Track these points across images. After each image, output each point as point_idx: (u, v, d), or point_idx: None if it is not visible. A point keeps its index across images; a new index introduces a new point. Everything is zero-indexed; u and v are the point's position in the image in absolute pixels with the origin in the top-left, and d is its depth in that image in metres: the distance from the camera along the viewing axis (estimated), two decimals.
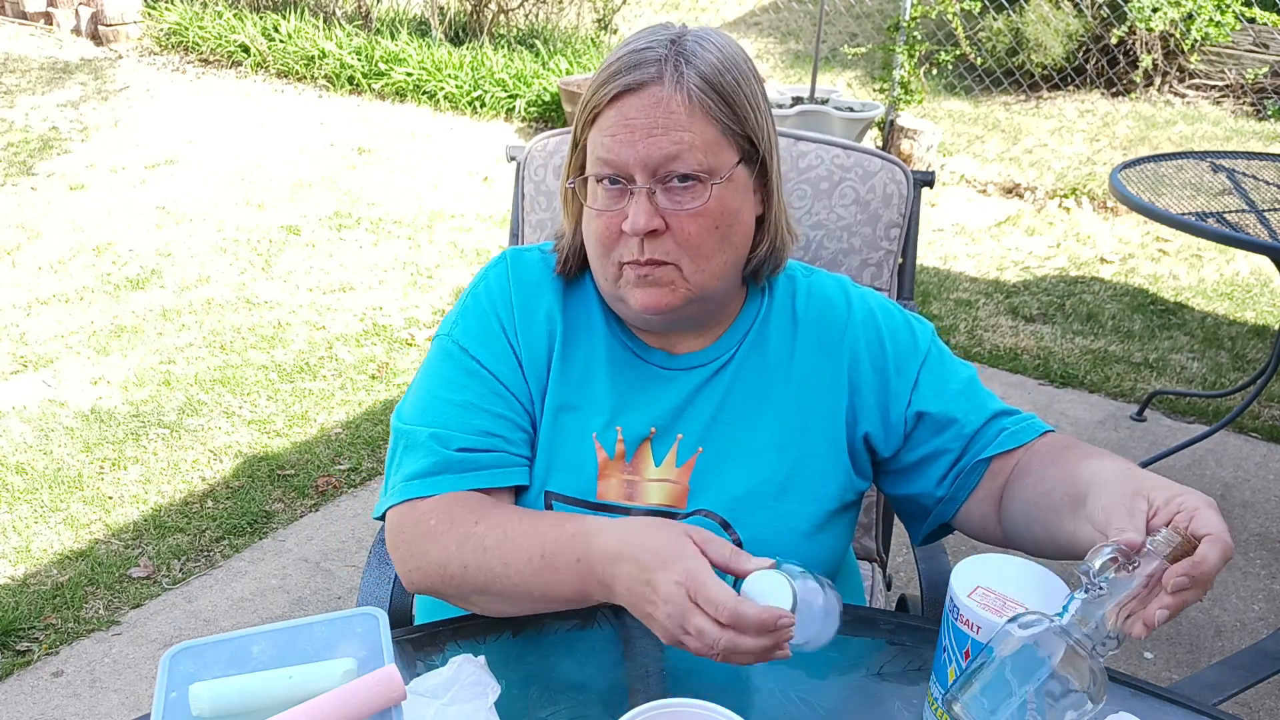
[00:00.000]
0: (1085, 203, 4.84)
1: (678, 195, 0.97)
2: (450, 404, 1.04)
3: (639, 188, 0.96)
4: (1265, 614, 2.34)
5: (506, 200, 4.79)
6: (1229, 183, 2.72)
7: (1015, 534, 1.01)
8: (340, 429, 2.97)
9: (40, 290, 3.76)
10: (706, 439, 1.05)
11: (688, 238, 0.97)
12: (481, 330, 1.06)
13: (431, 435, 1.02)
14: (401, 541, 0.99)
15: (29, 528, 2.51)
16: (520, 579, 0.91)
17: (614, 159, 0.96)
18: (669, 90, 0.95)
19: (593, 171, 0.99)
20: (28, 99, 5.99)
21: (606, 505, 1.04)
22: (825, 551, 1.08)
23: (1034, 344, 3.56)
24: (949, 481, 1.06)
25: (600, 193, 0.99)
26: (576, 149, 1.02)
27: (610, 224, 0.98)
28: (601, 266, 1.02)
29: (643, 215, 0.95)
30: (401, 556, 0.99)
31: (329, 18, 6.98)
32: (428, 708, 0.81)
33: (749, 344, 1.08)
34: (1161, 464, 2.82)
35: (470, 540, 0.94)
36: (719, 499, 1.04)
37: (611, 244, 0.99)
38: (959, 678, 0.74)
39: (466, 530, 0.95)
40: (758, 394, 1.06)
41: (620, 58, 0.97)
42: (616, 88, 0.96)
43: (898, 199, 1.46)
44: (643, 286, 0.99)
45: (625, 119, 0.95)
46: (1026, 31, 5.80)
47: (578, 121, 1.01)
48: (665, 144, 0.95)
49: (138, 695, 2.06)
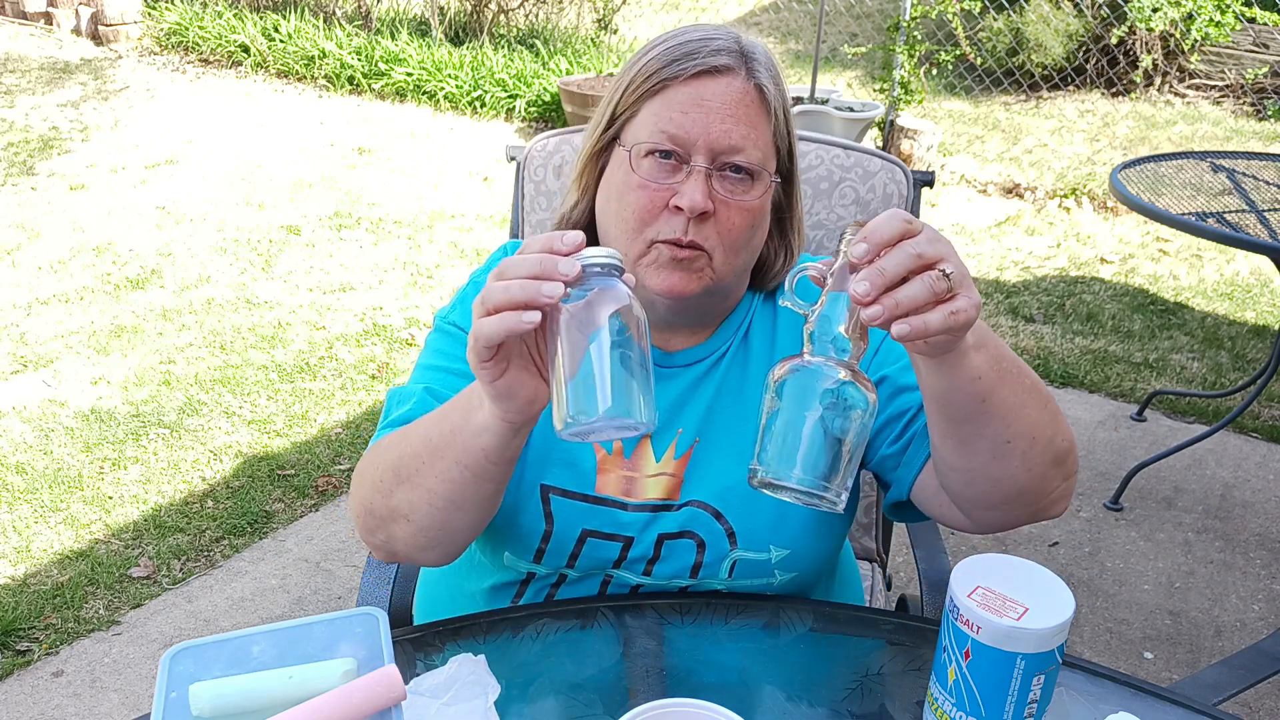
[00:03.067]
0: (1085, 203, 4.84)
1: (731, 184, 0.97)
2: (446, 371, 1.04)
3: (698, 167, 0.96)
4: (1265, 614, 2.34)
5: (506, 200, 4.79)
6: (1229, 183, 2.72)
7: (944, 483, 0.95)
8: (340, 429, 2.97)
9: (40, 290, 3.76)
10: (702, 431, 1.06)
11: (729, 228, 0.98)
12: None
13: (426, 389, 1.02)
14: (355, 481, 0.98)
15: (29, 528, 2.51)
16: (416, 437, 0.90)
17: (681, 134, 0.95)
18: (745, 83, 0.97)
19: (650, 141, 0.97)
20: (28, 99, 5.99)
21: (605, 499, 1.05)
22: (821, 538, 1.07)
23: (1034, 344, 3.56)
24: (901, 442, 1.02)
25: (647, 165, 0.97)
26: (617, 117, 1.01)
27: (654, 198, 0.97)
28: (627, 242, 0.99)
29: (700, 194, 0.95)
30: (351, 493, 0.98)
31: (329, 18, 6.98)
32: (428, 708, 0.81)
33: (740, 339, 1.09)
34: (1161, 464, 2.82)
35: (396, 443, 0.94)
36: (710, 490, 1.04)
37: (649, 219, 0.98)
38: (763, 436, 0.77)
39: (393, 440, 0.95)
40: (746, 386, 1.07)
41: (692, 40, 0.97)
42: (696, 66, 0.96)
43: (898, 199, 1.47)
44: (672, 269, 0.98)
45: (701, 98, 0.95)
46: (1026, 31, 5.80)
47: (629, 90, 0.99)
48: (735, 133, 0.96)
49: (138, 695, 2.06)
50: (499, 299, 0.74)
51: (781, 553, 1.05)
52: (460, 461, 0.87)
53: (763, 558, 1.05)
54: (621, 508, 1.05)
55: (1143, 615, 2.34)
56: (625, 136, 1.00)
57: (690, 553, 1.05)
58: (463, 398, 0.88)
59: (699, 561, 1.05)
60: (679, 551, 1.05)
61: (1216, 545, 2.58)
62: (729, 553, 1.05)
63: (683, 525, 1.05)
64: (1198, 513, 2.70)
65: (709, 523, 1.04)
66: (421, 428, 0.91)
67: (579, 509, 1.04)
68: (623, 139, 1.00)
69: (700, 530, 1.04)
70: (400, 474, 0.91)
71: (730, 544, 1.04)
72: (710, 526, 1.04)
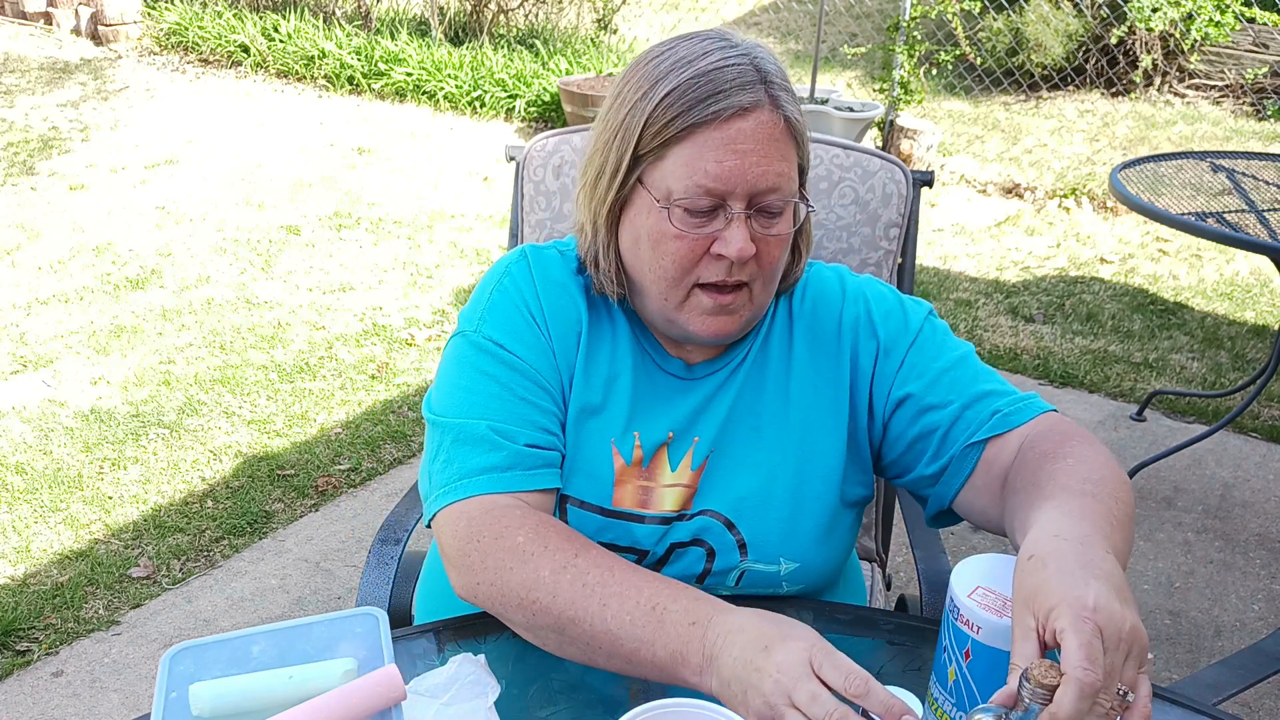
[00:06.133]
0: (1085, 203, 4.84)
1: (767, 220, 0.96)
2: (500, 400, 0.99)
3: (738, 213, 0.94)
4: (1265, 614, 2.34)
5: (506, 200, 4.79)
6: (1229, 183, 2.72)
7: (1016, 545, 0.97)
8: (340, 429, 2.97)
9: (40, 290, 3.76)
10: (719, 441, 1.05)
11: (770, 261, 0.97)
12: (515, 326, 1.02)
13: (491, 428, 0.97)
14: (475, 549, 0.91)
15: (29, 528, 2.51)
16: (615, 625, 0.85)
17: (718, 186, 0.92)
18: (772, 116, 0.93)
19: (687, 196, 0.93)
20: (28, 99, 5.99)
21: (621, 513, 1.03)
22: (830, 552, 1.07)
23: (1034, 344, 3.56)
24: (939, 463, 1.02)
25: (680, 213, 0.94)
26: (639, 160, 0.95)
27: (694, 247, 0.95)
28: (667, 289, 0.98)
29: (745, 240, 0.93)
30: (473, 564, 0.91)
31: (329, 18, 6.98)
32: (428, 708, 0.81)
33: (757, 347, 1.08)
34: (1161, 464, 2.82)
35: (569, 570, 0.88)
36: (723, 499, 1.04)
37: (690, 266, 0.96)
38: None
39: (565, 559, 0.89)
40: (761, 396, 1.06)
41: (711, 72, 0.92)
42: (727, 109, 0.91)
43: (897, 199, 1.46)
44: (715, 314, 0.98)
45: (733, 143, 0.92)
46: (1026, 31, 5.80)
47: (651, 132, 0.94)
48: (771, 174, 0.93)
49: (138, 695, 2.06)
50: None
51: (791, 565, 1.04)
52: (642, 675, 0.86)
53: (772, 569, 1.04)
54: (639, 520, 1.04)
55: (1142, 615, 2.33)
56: (651, 181, 0.95)
57: (699, 560, 1.04)
58: (677, 638, 0.82)
59: (707, 569, 1.05)
60: (687, 558, 1.05)
61: (1216, 545, 2.58)
62: (738, 563, 1.04)
63: (694, 534, 1.04)
64: (1197, 513, 2.70)
65: (721, 532, 1.04)
66: (613, 617, 0.85)
67: (595, 521, 1.03)
68: (649, 184, 0.96)
69: (711, 540, 1.04)
70: (564, 630, 0.87)
71: (741, 554, 1.04)
72: (722, 536, 1.04)
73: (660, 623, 0.83)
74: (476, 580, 0.91)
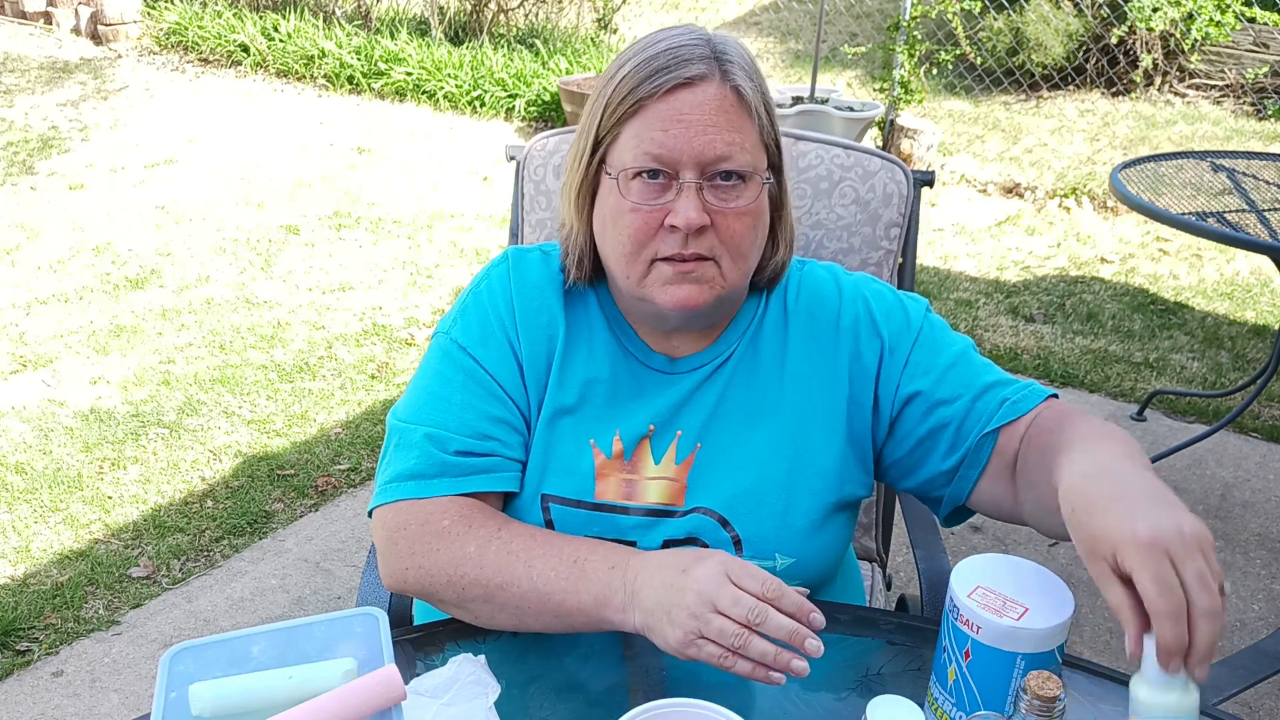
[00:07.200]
0: (1085, 202, 4.84)
1: (724, 193, 0.97)
2: (447, 403, 1.03)
3: (688, 182, 0.95)
4: (1265, 614, 2.34)
5: (506, 200, 4.79)
6: (1229, 183, 2.72)
7: (1038, 524, 0.98)
8: (340, 429, 2.97)
9: (40, 290, 3.76)
10: (705, 435, 1.05)
11: (731, 235, 0.98)
12: (481, 331, 1.06)
13: (426, 435, 1.01)
14: (403, 538, 0.98)
15: (29, 528, 2.51)
16: (542, 583, 0.91)
17: (665, 154, 0.95)
18: (720, 88, 0.95)
19: (635, 164, 0.96)
20: (27, 98, 5.98)
21: (604, 505, 1.04)
22: (824, 550, 1.07)
23: (1034, 344, 3.56)
24: (955, 457, 1.04)
25: (636, 187, 0.97)
26: (600, 143, 0.99)
27: (648, 219, 0.97)
28: (627, 265, 0.99)
29: (694, 210, 0.95)
30: (400, 553, 0.97)
31: (329, 17, 6.98)
32: (428, 708, 0.81)
33: (746, 342, 1.08)
34: (1161, 464, 2.82)
35: (494, 542, 0.94)
36: (716, 496, 1.04)
37: (646, 239, 0.97)
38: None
39: (489, 534, 0.95)
40: (754, 391, 1.06)
41: (661, 52, 0.96)
42: (670, 81, 0.94)
43: (897, 198, 1.46)
44: (678, 283, 0.98)
45: (679, 114, 0.94)
46: (1026, 31, 5.80)
47: (607, 114, 0.98)
48: (719, 142, 0.95)
49: (138, 695, 2.06)
50: (757, 650, 0.80)
51: (787, 561, 1.05)
52: (571, 627, 0.93)
53: (768, 565, 1.04)
54: (623, 512, 1.04)
55: None
56: (610, 162, 0.99)
57: None
58: (599, 581, 0.90)
59: None
60: None
61: (1216, 545, 2.57)
62: None
63: (689, 532, 1.04)
64: (1198, 513, 2.70)
65: (715, 530, 1.04)
66: (539, 575, 0.92)
67: (579, 516, 1.04)
68: (608, 164, 0.99)
69: (706, 538, 1.04)
70: (493, 597, 0.94)
71: (736, 551, 1.04)
72: (716, 534, 1.04)
73: (582, 571, 0.91)
74: (405, 565, 0.97)
